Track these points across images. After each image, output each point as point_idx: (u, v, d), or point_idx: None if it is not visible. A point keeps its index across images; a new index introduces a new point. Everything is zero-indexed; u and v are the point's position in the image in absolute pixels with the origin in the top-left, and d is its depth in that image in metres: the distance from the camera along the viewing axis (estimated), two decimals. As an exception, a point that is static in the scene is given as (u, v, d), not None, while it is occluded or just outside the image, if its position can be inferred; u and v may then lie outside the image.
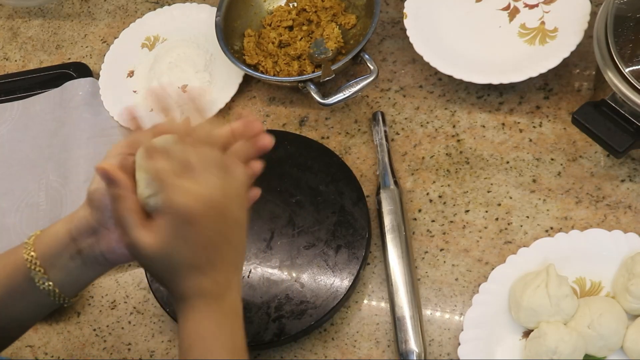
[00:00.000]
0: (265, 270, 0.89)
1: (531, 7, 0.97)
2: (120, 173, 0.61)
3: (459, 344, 0.80)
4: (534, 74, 0.90)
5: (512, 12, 0.97)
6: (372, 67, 0.94)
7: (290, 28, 1.05)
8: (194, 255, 0.59)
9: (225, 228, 0.60)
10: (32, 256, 0.65)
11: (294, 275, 0.88)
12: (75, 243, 0.65)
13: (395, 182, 0.91)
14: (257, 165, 0.67)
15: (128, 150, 0.63)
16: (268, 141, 0.66)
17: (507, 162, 0.91)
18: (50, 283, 0.65)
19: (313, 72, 0.99)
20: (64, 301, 0.67)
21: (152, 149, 0.60)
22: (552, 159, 0.90)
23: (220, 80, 1.06)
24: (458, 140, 0.94)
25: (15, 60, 1.21)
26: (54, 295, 0.66)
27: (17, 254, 0.66)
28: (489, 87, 0.94)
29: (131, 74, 1.11)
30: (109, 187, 0.61)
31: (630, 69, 0.77)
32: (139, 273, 0.96)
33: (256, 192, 0.67)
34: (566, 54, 0.90)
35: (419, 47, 0.96)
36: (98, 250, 0.65)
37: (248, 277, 0.88)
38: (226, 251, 0.61)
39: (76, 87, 1.10)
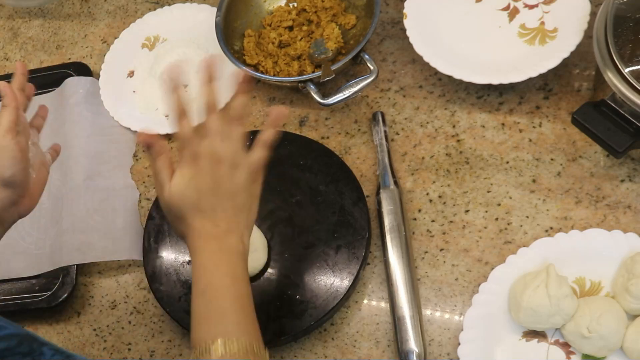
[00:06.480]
0: (266, 270, 0.89)
1: (531, 7, 0.97)
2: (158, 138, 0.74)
3: (459, 344, 0.80)
4: (534, 74, 0.90)
5: (512, 13, 0.98)
6: (372, 67, 0.94)
7: (290, 28, 1.05)
8: (199, 199, 0.70)
9: (228, 184, 0.71)
10: None
11: (294, 275, 0.88)
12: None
13: (395, 182, 0.91)
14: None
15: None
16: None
17: (507, 162, 0.91)
18: None
19: (313, 72, 0.99)
20: None
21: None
22: (551, 159, 0.90)
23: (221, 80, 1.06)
24: (458, 140, 0.94)
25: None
26: None
27: None
28: (489, 87, 0.94)
29: (131, 74, 1.11)
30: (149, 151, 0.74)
31: (630, 69, 0.77)
32: (139, 273, 0.96)
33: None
34: (566, 54, 0.90)
35: (419, 47, 0.96)
36: (17, 215, 0.79)
37: (248, 277, 0.89)
38: (227, 204, 0.71)
39: (76, 84, 1.10)
